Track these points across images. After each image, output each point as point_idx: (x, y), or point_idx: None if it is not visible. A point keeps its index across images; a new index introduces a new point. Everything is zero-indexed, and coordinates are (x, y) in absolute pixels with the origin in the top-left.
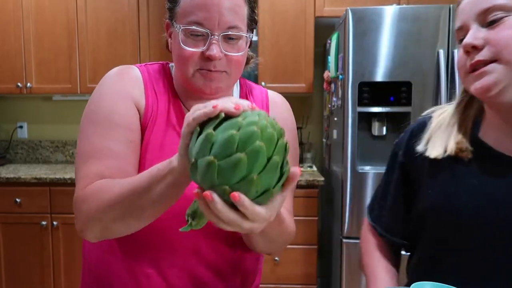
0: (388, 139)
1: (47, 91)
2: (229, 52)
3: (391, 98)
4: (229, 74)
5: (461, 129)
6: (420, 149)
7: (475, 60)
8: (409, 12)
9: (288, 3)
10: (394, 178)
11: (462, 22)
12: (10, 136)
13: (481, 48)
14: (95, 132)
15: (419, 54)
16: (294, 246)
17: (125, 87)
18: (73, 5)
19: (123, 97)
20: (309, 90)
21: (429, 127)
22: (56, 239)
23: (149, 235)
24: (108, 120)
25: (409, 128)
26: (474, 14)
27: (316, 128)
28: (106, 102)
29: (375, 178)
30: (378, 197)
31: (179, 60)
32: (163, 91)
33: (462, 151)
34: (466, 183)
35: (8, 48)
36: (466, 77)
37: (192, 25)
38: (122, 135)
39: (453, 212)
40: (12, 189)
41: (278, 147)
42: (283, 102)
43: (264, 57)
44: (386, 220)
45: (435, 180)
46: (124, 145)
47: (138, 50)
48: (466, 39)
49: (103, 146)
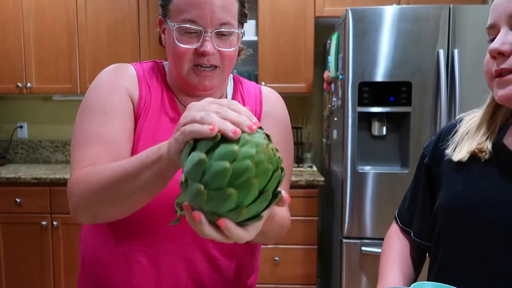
0: (388, 139)
1: (47, 91)
2: (221, 48)
3: (391, 98)
4: (222, 69)
5: (486, 133)
6: (448, 152)
7: (500, 68)
8: (409, 12)
9: (288, 3)
10: (421, 181)
11: (493, 20)
12: (10, 136)
13: (508, 54)
14: (90, 120)
15: (419, 54)
16: (294, 246)
17: (119, 80)
18: (73, 5)
19: (118, 88)
20: (309, 90)
21: (458, 132)
22: (56, 239)
23: (142, 224)
24: (102, 109)
25: (438, 131)
26: (507, 15)
27: (316, 128)
28: (101, 94)
29: (375, 178)
30: (408, 201)
31: (173, 56)
32: (156, 85)
33: (481, 151)
34: (477, 184)
35: (8, 48)
36: (491, 81)
37: (186, 23)
38: (116, 123)
39: (461, 211)
40: (12, 189)
41: (272, 179)
42: (277, 98)
43: (264, 57)
44: (417, 224)
45: (452, 181)
46: (117, 132)
47: (138, 50)
48: (494, 43)
49: (98, 133)
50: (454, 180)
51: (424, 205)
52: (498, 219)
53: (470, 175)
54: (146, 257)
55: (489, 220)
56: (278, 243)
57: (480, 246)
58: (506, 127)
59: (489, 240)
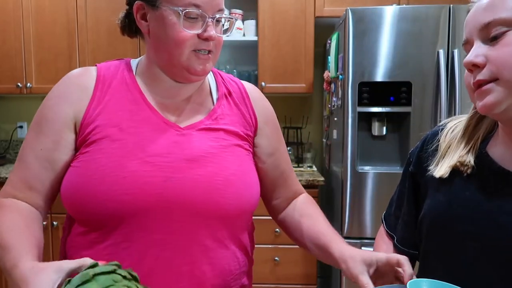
0: (388, 139)
1: (47, 91)
2: (217, 34)
3: (391, 98)
4: (214, 54)
5: (468, 146)
6: (431, 168)
7: (477, 80)
8: (409, 12)
9: (288, 3)
10: (406, 189)
11: (466, 36)
12: (10, 136)
13: (483, 66)
14: (27, 136)
15: (419, 54)
16: (294, 246)
17: (66, 91)
18: (73, 5)
19: (59, 102)
20: (309, 90)
21: (440, 144)
22: (56, 239)
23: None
24: (37, 125)
25: (423, 137)
26: (477, 29)
27: (316, 128)
28: (43, 107)
29: (375, 178)
30: (394, 206)
31: (174, 42)
32: (118, 83)
33: (463, 165)
34: (460, 194)
35: (8, 48)
36: (472, 94)
37: (191, 7)
38: (41, 143)
39: (443, 222)
40: None
41: None
42: (260, 94)
43: (264, 57)
44: (400, 230)
45: (435, 192)
46: (35, 157)
47: (138, 50)
48: (467, 57)
49: (23, 155)
50: (438, 190)
51: (409, 213)
52: (479, 230)
53: (452, 187)
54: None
55: (470, 231)
56: (278, 243)
57: (462, 256)
58: (489, 137)
59: (471, 250)
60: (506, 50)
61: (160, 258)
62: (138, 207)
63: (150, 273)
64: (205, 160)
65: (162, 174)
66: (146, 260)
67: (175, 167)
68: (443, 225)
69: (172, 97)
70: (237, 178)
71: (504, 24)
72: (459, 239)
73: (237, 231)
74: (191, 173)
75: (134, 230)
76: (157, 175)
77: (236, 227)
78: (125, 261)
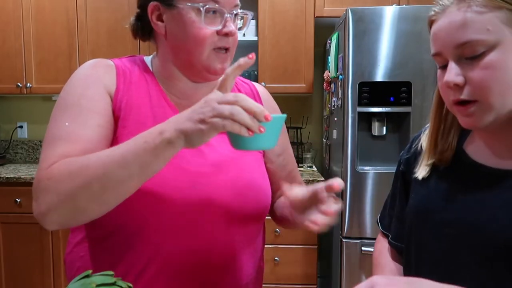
0: (388, 139)
1: (47, 91)
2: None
3: (391, 98)
4: (231, 53)
5: (445, 143)
6: (415, 171)
7: (458, 98)
8: (409, 12)
9: (288, 3)
10: (397, 188)
11: (437, 50)
12: (10, 136)
13: (463, 85)
14: (63, 116)
15: (419, 54)
16: (294, 246)
17: (96, 73)
18: (73, 5)
19: (94, 82)
20: (309, 90)
21: (422, 146)
22: (56, 239)
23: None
24: (76, 104)
25: (411, 138)
26: (452, 47)
27: (316, 128)
28: (76, 88)
29: (375, 178)
30: (388, 206)
31: (195, 40)
32: (138, 77)
33: (440, 161)
34: (438, 187)
35: (8, 48)
36: (450, 107)
37: (210, 3)
38: (90, 119)
39: (424, 213)
40: (12, 189)
41: None
42: (270, 96)
43: (264, 57)
44: (394, 227)
45: (419, 187)
46: (91, 129)
47: (138, 50)
48: (447, 76)
49: (70, 130)
50: (421, 185)
51: (401, 210)
52: (454, 218)
53: (432, 181)
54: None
55: (447, 219)
56: (278, 243)
57: (440, 243)
58: (466, 134)
59: (448, 237)
60: (487, 73)
61: (186, 264)
62: (166, 212)
63: (176, 276)
64: (228, 164)
65: (189, 179)
66: (172, 265)
67: (201, 172)
68: (424, 217)
69: (188, 97)
70: (257, 181)
71: (482, 45)
72: (437, 228)
73: (254, 234)
74: (216, 179)
75: (160, 235)
76: (185, 180)
77: (253, 231)
78: (152, 265)
